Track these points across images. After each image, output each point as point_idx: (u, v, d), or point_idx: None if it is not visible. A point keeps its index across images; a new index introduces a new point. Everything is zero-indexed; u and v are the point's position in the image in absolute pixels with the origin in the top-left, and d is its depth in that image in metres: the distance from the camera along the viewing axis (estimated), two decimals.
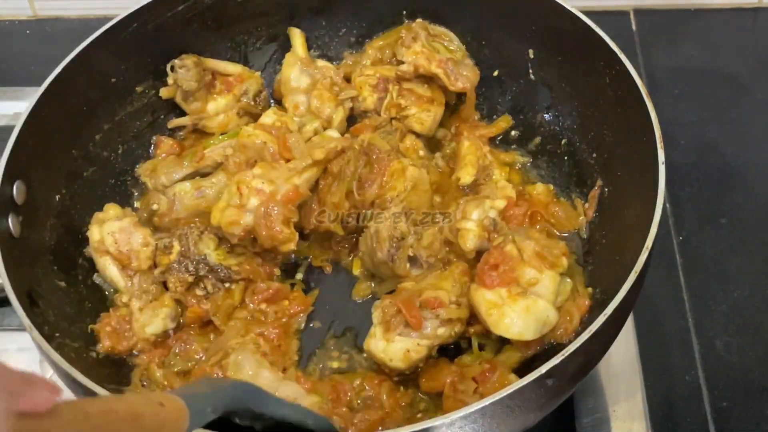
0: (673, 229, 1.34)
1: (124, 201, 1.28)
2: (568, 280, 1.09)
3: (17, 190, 1.07)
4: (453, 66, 1.27)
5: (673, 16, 1.68)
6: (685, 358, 1.20)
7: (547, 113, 1.30)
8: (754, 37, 1.67)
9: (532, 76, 1.30)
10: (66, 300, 1.11)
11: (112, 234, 1.14)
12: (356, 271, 1.21)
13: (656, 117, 1.03)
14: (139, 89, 1.30)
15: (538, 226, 1.19)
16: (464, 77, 1.27)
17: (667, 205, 1.37)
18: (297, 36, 1.37)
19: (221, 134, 1.31)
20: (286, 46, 1.37)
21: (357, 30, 1.40)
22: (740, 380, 1.18)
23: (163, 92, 1.32)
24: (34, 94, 1.12)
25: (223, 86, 1.33)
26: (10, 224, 1.05)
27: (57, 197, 1.17)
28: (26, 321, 0.94)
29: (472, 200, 1.16)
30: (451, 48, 1.32)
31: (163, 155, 1.31)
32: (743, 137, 1.48)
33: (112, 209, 1.19)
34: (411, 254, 1.12)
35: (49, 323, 1.01)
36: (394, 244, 1.11)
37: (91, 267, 1.18)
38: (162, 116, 1.34)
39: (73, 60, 1.16)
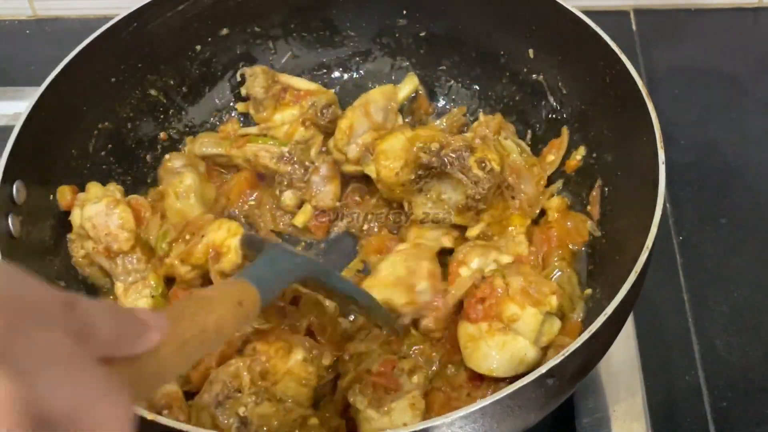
0: (673, 229, 1.34)
1: None
2: (557, 320, 1.05)
3: (17, 190, 1.07)
4: (516, 177, 1.19)
5: (673, 16, 1.68)
6: (685, 358, 1.20)
7: (547, 113, 1.30)
8: (754, 37, 1.67)
9: (531, 76, 1.31)
10: None
11: (90, 219, 1.12)
12: None
13: (656, 117, 1.03)
14: (139, 89, 1.30)
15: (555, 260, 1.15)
16: (521, 192, 1.19)
17: (667, 205, 1.37)
18: (413, 82, 1.34)
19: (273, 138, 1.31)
20: (294, 46, 1.39)
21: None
22: (740, 380, 1.18)
23: (240, 107, 1.36)
24: (34, 94, 1.12)
25: (291, 98, 1.33)
26: (10, 224, 1.05)
27: (57, 198, 1.17)
28: None
29: (477, 247, 1.13)
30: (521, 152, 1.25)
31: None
32: (743, 137, 1.48)
33: (93, 188, 1.16)
34: (242, 414, 0.97)
35: None
36: (225, 393, 0.98)
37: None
38: (161, 116, 1.34)
39: (73, 60, 1.16)
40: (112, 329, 0.46)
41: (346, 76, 1.43)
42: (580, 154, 1.23)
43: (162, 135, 1.34)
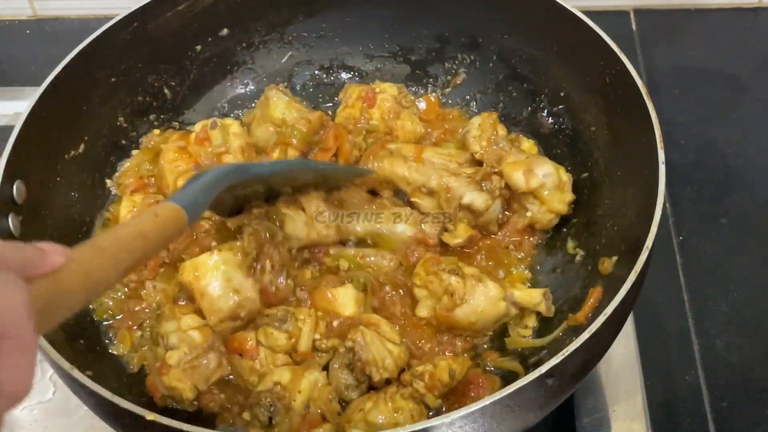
0: (673, 229, 1.34)
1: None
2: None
3: (17, 190, 1.06)
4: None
5: (673, 16, 1.69)
6: (685, 358, 1.20)
7: (547, 113, 1.30)
8: (754, 37, 1.67)
9: (531, 77, 1.31)
10: None
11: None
12: None
13: (656, 117, 1.03)
14: (139, 89, 1.30)
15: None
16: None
17: (667, 205, 1.37)
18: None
19: None
20: (294, 46, 1.39)
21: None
22: (740, 380, 1.18)
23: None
24: (34, 94, 1.12)
25: None
26: (10, 224, 1.05)
27: (57, 197, 1.17)
28: None
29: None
30: None
31: None
32: (743, 137, 1.48)
33: (191, 319, 1.04)
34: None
35: None
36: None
37: None
38: (162, 116, 1.34)
39: (73, 60, 1.16)
40: (18, 258, 0.63)
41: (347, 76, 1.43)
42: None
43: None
